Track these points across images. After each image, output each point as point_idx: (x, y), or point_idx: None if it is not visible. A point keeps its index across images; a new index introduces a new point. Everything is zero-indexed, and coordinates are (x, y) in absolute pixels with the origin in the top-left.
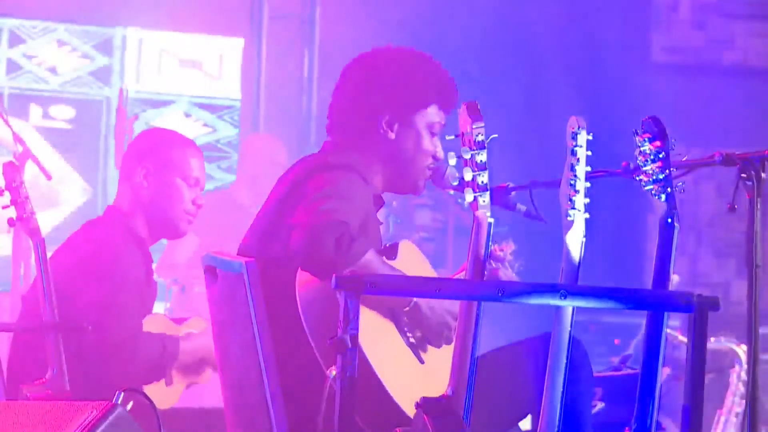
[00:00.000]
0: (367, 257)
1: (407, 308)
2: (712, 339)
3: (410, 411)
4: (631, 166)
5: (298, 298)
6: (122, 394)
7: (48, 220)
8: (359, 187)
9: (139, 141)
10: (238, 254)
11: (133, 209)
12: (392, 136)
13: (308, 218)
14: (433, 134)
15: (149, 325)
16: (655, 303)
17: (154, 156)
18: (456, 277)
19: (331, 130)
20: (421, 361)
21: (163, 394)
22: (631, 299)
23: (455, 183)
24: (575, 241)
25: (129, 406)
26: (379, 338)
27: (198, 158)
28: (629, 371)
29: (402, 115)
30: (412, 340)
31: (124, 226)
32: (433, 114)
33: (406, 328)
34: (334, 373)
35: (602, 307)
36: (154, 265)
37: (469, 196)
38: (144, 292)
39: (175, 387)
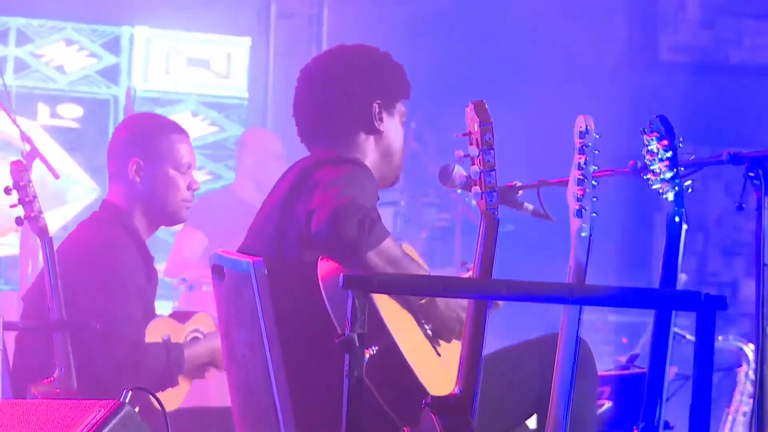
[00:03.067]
0: (388, 242)
1: (423, 300)
2: (720, 338)
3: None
4: (639, 165)
5: (322, 289)
6: (130, 392)
7: (56, 219)
8: (370, 179)
9: (123, 133)
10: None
11: (130, 205)
12: (383, 128)
13: (328, 202)
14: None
15: (154, 329)
16: (663, 302)
17: (142, 149)
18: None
19: (317, 139)
20: (438, 354)
21: (167, 396)
22: (638, 298)
23: (463, 182)
24: (583, 240)
25: (137, 410)
26: (401, 326)
27: (185, 142)
28: (637, 370)
29: (389, 108)
30: (428, 332)
31: (124, 225)
32: (401, 105)
33: (423, 320)
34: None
35: (610, 306)
36: (157, 265)
37: (476, 195)
38: (147, 296)
39: (179, 388)
